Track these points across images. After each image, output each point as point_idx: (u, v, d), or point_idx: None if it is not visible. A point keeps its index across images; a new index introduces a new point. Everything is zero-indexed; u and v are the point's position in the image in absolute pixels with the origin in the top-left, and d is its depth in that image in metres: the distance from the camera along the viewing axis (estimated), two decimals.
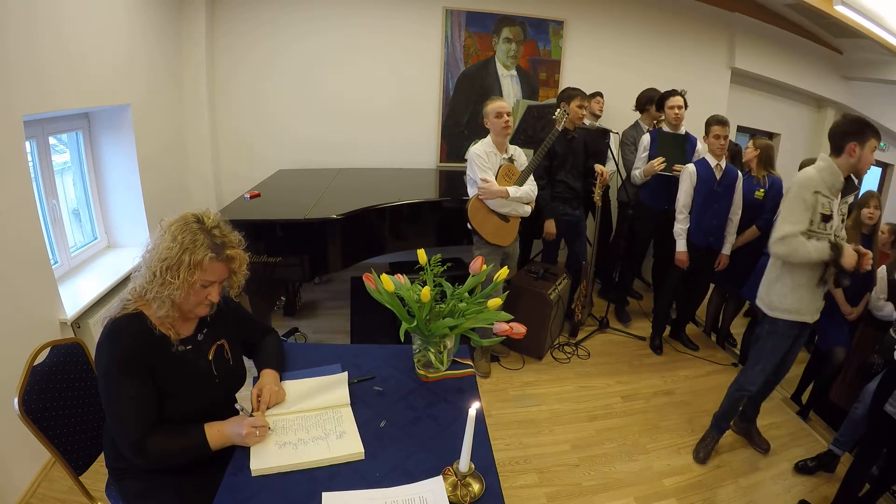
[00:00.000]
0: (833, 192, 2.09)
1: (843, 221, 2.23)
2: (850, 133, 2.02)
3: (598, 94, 4.04)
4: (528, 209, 2.94)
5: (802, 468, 2.48)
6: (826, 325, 2.79)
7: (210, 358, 1.40)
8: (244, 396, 1.44)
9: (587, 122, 3.71)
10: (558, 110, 2.95)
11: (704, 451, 2.49)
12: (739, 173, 3.17)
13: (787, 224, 2.07)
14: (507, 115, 2.79)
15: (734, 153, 3.48)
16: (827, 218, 2.08)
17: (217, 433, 1.26)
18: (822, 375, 2.88)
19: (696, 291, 3.55)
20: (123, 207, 3.14)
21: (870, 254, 2.06)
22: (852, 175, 2.11)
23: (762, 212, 3.14)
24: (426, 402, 1.50)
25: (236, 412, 1.48)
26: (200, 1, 3.58)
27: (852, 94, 5.17)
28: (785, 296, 2.18)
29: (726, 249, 3.25)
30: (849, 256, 2.02)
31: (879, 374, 2.43)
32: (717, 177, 3.09)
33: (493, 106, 2.79)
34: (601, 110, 4.05)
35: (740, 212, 3.19)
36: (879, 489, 2.16)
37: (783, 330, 2.23)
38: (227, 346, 1.45)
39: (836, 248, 2.03)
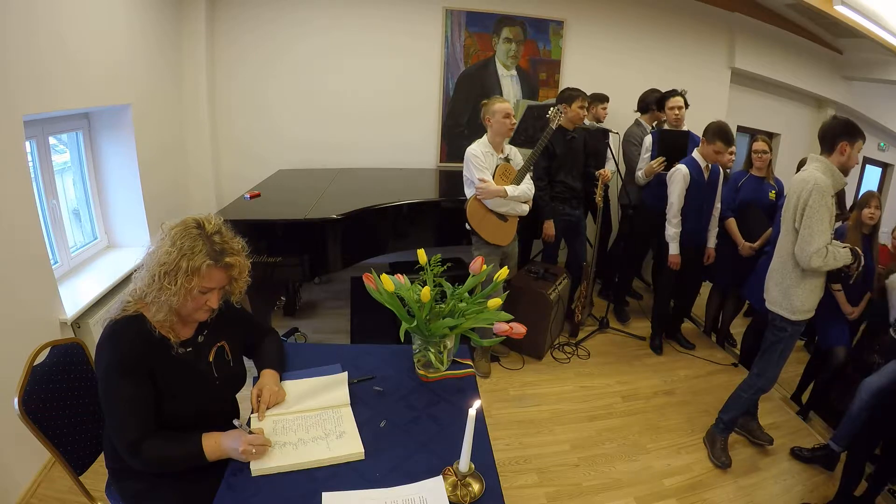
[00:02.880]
0: (836, 191, 2.14)
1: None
2: (842, 134, 2.10)
3: (605, 98, 3.96)
4: (525, 208, 2.93)
5: (798, 455, 2.52)
6: (826, 325, 2.79)
7: (210, 360, 1.38)
8: (244, 397, 1.44)
9: (587, 122, 3.70)
10: (552, 109, 2.95)
11: (725, 455, 2.48)
12: (720, 170, 3.21)
13: (821, 235, 2.08)
14: (513, 117, 2.80)
15: None
16: (834, 218, 2.13)
17: (214, 445, 1.24)
18: (823, 375, 2.87)
19: (688, 289, 3.55)
20: (123, 207, 3.14)
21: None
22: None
23: (776, 213, 3.13)
24: (426, 402, 1.50)
25: (236, 412, 1.48)
26: (200, 1, 3.59)
27: (852, 94, 5.17)
28: (807, 298, 2.23)
29: (711, 243, 3.31)
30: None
31: (878, 370, 2.44)
32: (706, 177, 3.11)
33: (501, 106, 2.77)
34: (605, 117, 3.99)
35: (720, 205, 3.25)
36: (876, 486, 2.16)
37: (800, 328, 2.30)
38: (228, 347, 1.44)
39: (856, 254, 2.17)
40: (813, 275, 2.20)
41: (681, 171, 3.12)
